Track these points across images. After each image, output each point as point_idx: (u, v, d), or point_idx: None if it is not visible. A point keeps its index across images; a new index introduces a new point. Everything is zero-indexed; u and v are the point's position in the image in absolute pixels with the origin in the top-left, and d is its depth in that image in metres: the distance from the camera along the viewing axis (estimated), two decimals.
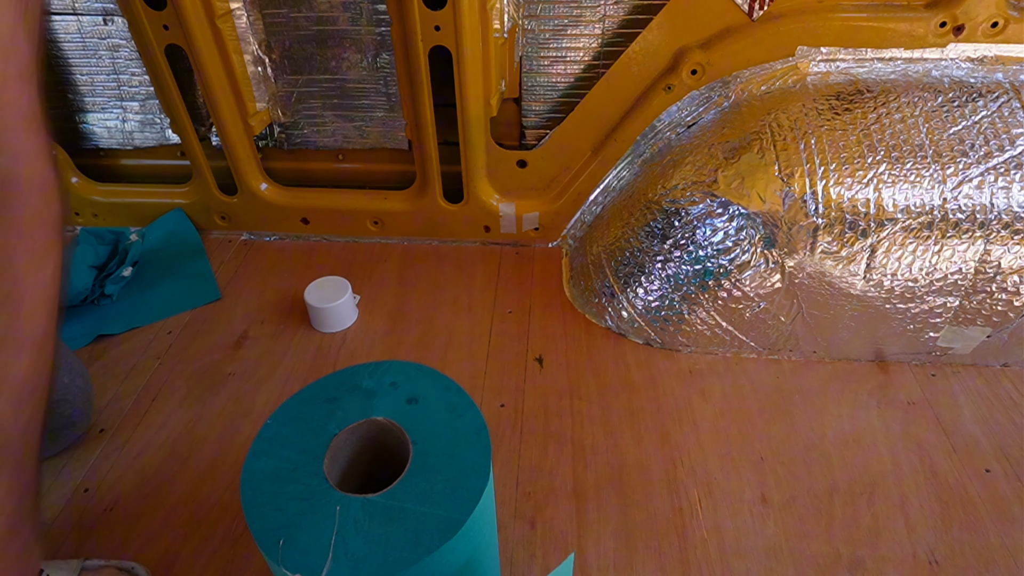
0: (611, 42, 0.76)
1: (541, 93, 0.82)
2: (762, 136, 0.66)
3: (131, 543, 0.56)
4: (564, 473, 0.61)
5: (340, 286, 0.78)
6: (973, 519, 0.57)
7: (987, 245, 0.62)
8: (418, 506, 0.35)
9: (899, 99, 0.64)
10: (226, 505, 0.59)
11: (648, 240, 0.72)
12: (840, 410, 0.67)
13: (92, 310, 0.81)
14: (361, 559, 0.33)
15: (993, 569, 0.53)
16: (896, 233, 0.62)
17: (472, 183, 0.86)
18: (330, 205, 0.92)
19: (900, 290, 0.65)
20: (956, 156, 0.62)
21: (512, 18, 0.76)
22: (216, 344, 0.77)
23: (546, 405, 0.68)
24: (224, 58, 0.79)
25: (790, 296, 0.67)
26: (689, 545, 0.55)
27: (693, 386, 0.70)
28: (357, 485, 0.38)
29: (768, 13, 0.70)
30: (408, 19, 0.71)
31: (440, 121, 0.81)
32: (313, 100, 0.86)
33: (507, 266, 0.89)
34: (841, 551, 0.54)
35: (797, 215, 0.63)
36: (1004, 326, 0.66)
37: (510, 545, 0.55)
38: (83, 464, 0.63)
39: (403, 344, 0.77)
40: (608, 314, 0.77)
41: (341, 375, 0.43)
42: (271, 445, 0.39)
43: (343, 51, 0.81)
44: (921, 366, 0.72)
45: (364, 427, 0.40)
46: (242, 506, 0.36)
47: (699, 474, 0.61)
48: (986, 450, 0.63)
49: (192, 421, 0.67)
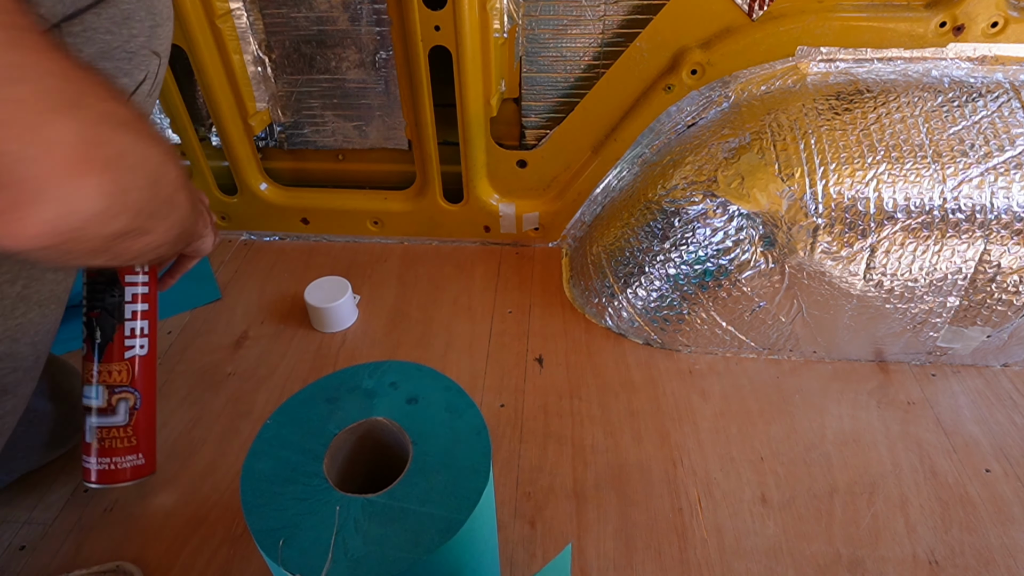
0: (611, 42, 0.76)
1: (541, 93, 0.82)
2: (762, 136, 0.66)
3: (131, 543, 0.56)
4: (564, 473, 0.61)
5: (340, 286, 0.78)
6: (973, 519, 0.57)
7: (987, 245, 0.62)
8: (418, 506, 0.35)
9: (899, 99, 0.64)
10: (226, 505, 0.59)
11: (648, 240, 0.72)
12: (840, 410, 0.67)
13: None
14: (361, 559, 0.33)
15: (993, 569, 0.53)
16: (896, 233, 0.62)
17: (472, 183, 0.86)
18: (330, 205, 0.92)
19: (900, 290, 0.65)
20: (956, 156, 0.62)
21: (512, 18, 0.76)
22: (216, 344, 0.77)
23: (546, 405, 0.68)
24: (224, 58, 0.79)
25: (790, 296, 0.67)
26: (689, 545, 0.55)
27: (693, 386, 0.70)
28: (357, 485, 0.38)
29: (768, 13, 0.70)
30: (408, 19, 0.71)
31: (440, 121, 0.81)
32: (313, 100, 0.86)
33: (507, 266, 0.89)
34: (841, 551, 0.54)
35: (797, 215, 0.63)
36: (1004, 326, 0.66)
37: (510, 545, 0.55)
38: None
39: (403, 344, 0.77)
40: (608, 314, 0.77)
41: (341, 375, 0.43)
42: (271, 445, 0.39)
43: (343, 51, 0.81)
44: (921, 366, 0.72)
45: (364, 427, 0.40)
46: (242, 506, 0.36)
47: (699, 474, 0.61)
48: (986, 450, 0.63)
49: (192, 421, 0.67)
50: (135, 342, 0.56)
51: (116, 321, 0.55)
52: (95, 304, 0.55)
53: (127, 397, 0.55)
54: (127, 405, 0.55)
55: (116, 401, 0.55)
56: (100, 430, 0.54)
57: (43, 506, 0.59)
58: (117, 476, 0.55)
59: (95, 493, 0.60)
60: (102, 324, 0.55)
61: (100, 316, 0.55)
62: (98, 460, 0.54)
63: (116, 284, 0.55)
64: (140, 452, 0.56)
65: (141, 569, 0.54)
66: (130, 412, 0.55)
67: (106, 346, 0.55)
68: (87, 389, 0.55)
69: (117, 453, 0.55)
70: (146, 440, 0.57)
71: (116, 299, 0.55)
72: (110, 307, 0.55)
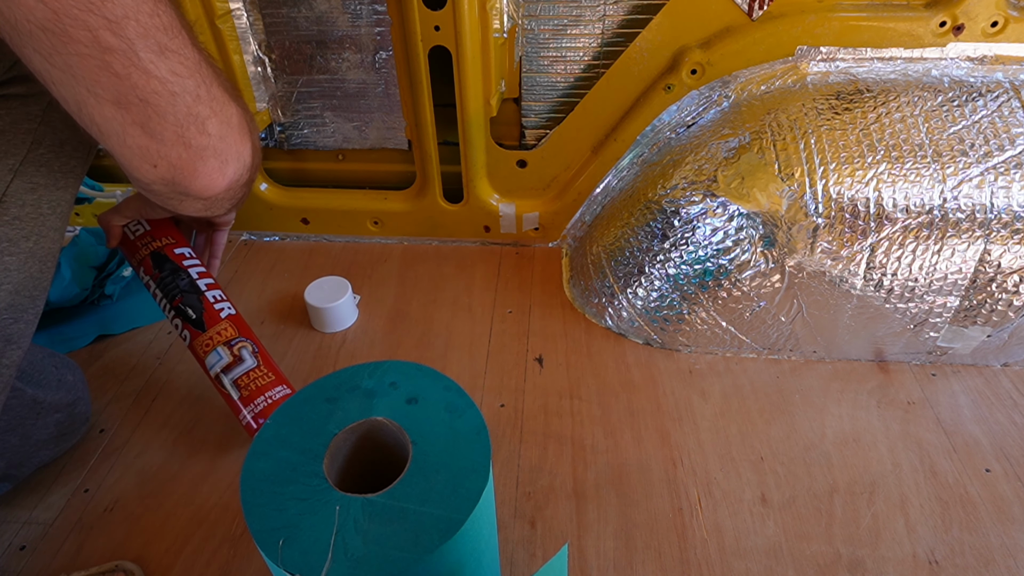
0: (611, 42, 0.76)
1: (541, 93, 0.82)
2: (762, 136, 0.66)
3: (131, 543, 0.56)
4: (564, 473, 0.61)
5: (340, 286, 0.78)
6: (973, 519, 0.57)
7: (987, 245, 0.62)
8: (418, 506, 0.35)
9: (899, 98, 0.64)
10: (226, 505, 0.59)
11: (648, 240, 0.72)
12: (840, 410, 0.67)
13: (92, 310, 0.81)
14: (361, 559, 0.33)
15: (993, 569, 0.53)
16: (896, 233, 0.62)
17: (472, 183, 0.86)
18: (330, 205, 0.92)
19: (900, 290, 0.65)
20: (956, 155, 0.62)
21: (512, 18, 0.76)
22: None
23: (546, 405, 0.68)
24: (224, 58, 0.79)
25: (790, 296, 0.67)
26: (689, 545, 0.55)
27: (693, 386, 0.70)
28: (357, 485, 0.38)
29: (768, 13, 0.70)
30: (408, 19, 0.71)
31: (440, 121, 0.81)
32: (313, 100, 0.86)
33: (507, 266, 0.89)
34: (841, 551, 0.54)
35: (797, 215, 0.63)
36: (1004, 326, 0.66)
37: (510, 545, 0.55)
38: (83, 464, 0.63)
39: (403, 344, 0.77)
40: (608, 314, 0.77)
41: (341, 375, 0.43)
42: (270, 445, 0.39)
43: (343, 51, 0.81)
44: (921, 366, 0.72)
45: (364, 427, 0.40)
46: (242, 506, 0.36)
47: (699, 474, 0.61)
48: (986, 450, 0.63)
49: (192, 421, 0.67)
50: (222, 305, 0.60)
51: (198, 295, 0.59)
52: (173, 293, 0.59)
53: (244, 345, 0.59)
54: (248, 351, 0.60)
55: (238, 350, 0.59)
56: (239, 380, 0.58)
57: (43, 506, 0.59)
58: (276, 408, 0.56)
59: (95, 493, 0.60)
60: (190, 303, 0.59)
61: (184, 299, 0.59)
62: (253, 404, 0.58)
63: (179, 270, 0.60)
64: (282, 383, 0.60)
65: (141, 569, 0.54)
66: (254, 356, 0.60)
67: (201, 317, 0.59)
68: (209, 358, 0.59)
69: (264, 389, 0.58)
70: (279, 375, 0.60)
71: (186, 280, 0.60)
72: (185, 288, 0.59)
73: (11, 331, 0.45)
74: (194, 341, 0.59)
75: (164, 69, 0.34)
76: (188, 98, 0.35)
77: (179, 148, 0.36)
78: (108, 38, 0.31)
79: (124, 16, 0.31)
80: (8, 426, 0.53)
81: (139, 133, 0.35)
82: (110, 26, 0.31)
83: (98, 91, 0.33)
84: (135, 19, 0.31)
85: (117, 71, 0.32)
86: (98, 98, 0.33)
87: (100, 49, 0.31)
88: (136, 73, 0.33)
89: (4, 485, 0.57)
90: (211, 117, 0.37)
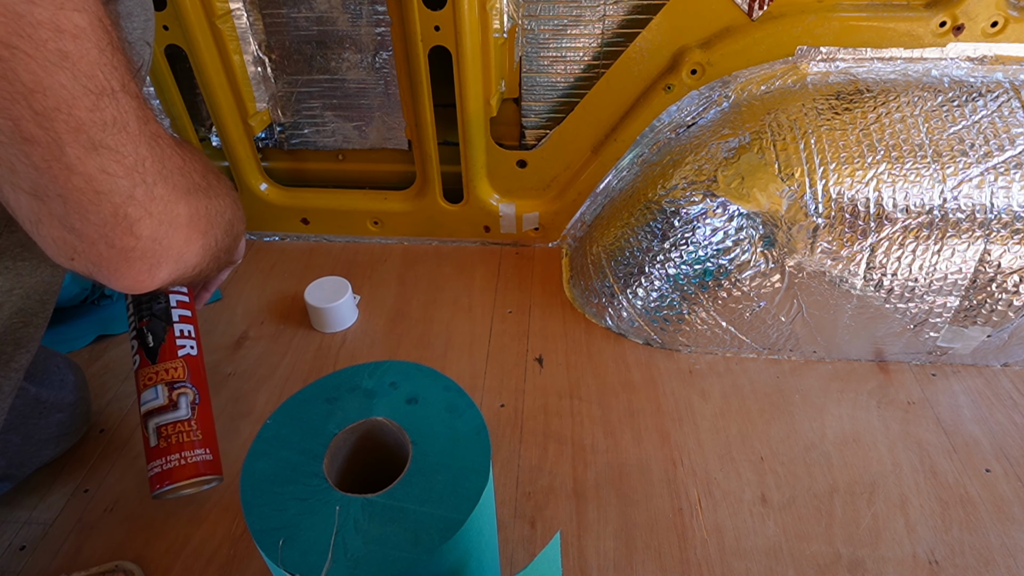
0: (611, 42, 0.76)
1: (541, 93, 0.82)
2: (762, 136, 0.66)
3: (131, 543, 0.56)
4: (564, 473, 0.61)
5: (340, 286, 0.78)
6: (973, 519, 0.57)
7: (987, 245, 0.62)
8: (418, 506, 0.35)
9: (899, 99, 0.64)
10: (226, 505, 0.59)
11: (648, 240, 0.72)
12: (840, 410, 0.67)
13: (92, 310, 0.80)
14: (361, 559, 0.33)
15: (993, 569, 0.53)
16: (896, 233, 0.62)
17: (472, 183, 0.86)
18: (330, 205, 0.92)
19: (900, 290, 0.65)
20: (956, 155, 0.62)
21: (512, 18, 0.76)
22: (216, 344, 0.77)
23: (546, 405, 0.68)
24: (224, 58, 0.79)
25: (790, 296, 0.67)
26: (689, 545, 0.55)
27: (693, 386, 0.70)
28: (357, 485, 0.38)
29: (768, 13, 0.70)
30: (408, 19, 0.71)
31: (440, 121, 0.81)
32: (313, 100, 0.86)
33: (507, 266, 0.89)
34: (841, 551, 0.54)
35: (797, 215, 0.63)
36: (1004, 326, 0.66)
37: (510, 545, 0.55)
38: (83, 464, 0.63)
39: (403, 344, 0.77)
40: (608, 314, 0.77)
41: (341, 375, 0.43)
42: (270, 445, 0.39)
43: (343, 51, 0.81)
44: (921, 366, 0.72)
45: (364, 427, 0.40)
46: (242, 506, 0.36)
47: (699, 474, 0.61)
48: (986, 450, 0.63)
49: None
50: (185, 343, 0.57)
51: (166, 324, 0.57)
52: (144, 313, 0.57)
53: (186, 392, 0.55)
54: (187, 400, 0.55)
55: (176, 396, 0.54)
56: (164, 428, 0.53)
57: (43, 506, 0.59)
58: (187, 471, 0.53)
59: (95, 493, 0.60)
60: (153, 329, 0.56)
61: (150, 323, 0.56)
62: (164, 459, 0.53)
63: (160, 293, 0.57)
64: (206, 448, 0.55)
65: (141, 569, 0.54)
66: (191, 407, 0.55)
67: (159, 347, 0.56)
68: (146, 394, 0.54)
69: (185, 448, 0.53)
70: (209, 437, 0.55)
71: (163, 305, 0.57)
72: (159, 312, 0.57)
73: (21, 335, 0.45)
74: (140, 369, 0.55)
75: (92, 166, 0.31)
76: (117, 198, 0.32)
77: (101, 247, 0.33)
78: (31, 129, 0.29)
79: (55, 108, 0.28)
80: (11, 425, 0.53)
81: (56, 225, 0.32)
82: (36, 118, 0.28)
83: (14, 179, 0.30)
84: (67, 112, 0.29)
85: (36, 163, 0.30)
86: (14, 185, 0.31)
87: (20, 139, 0.29)
88: (57, 168, 0.30)
89: (4, 485, 0.57)
90: (144, 219, 0.34)
